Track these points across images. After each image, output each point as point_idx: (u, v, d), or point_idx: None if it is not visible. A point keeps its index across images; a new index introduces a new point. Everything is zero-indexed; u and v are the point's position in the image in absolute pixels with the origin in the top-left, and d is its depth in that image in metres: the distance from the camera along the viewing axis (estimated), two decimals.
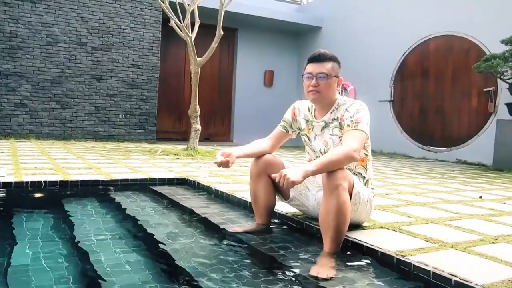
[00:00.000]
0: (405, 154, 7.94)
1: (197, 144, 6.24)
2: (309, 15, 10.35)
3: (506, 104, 6.00)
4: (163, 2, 6.31)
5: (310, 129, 2.31)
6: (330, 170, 1.87)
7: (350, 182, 1.95)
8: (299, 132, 2.40)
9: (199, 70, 6.30)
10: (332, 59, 2.17)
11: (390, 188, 3.77)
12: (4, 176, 3.23)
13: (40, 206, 2.81)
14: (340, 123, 2.15)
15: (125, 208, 2.75)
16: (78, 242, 2.00)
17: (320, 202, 2.11)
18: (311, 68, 2.16)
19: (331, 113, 2.20)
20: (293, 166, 2.31)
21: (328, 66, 2.14)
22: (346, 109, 2.13)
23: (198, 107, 6.28)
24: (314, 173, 1.86)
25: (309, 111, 2.32)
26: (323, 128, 2.23)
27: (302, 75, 2.21)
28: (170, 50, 9.41)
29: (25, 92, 7.59)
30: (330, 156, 1.90)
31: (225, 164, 2.11)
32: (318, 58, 2.15)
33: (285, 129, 2.40)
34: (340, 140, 2.13)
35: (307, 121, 2.32)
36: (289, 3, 11.33)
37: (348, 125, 2.09)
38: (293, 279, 1.66)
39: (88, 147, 6.53)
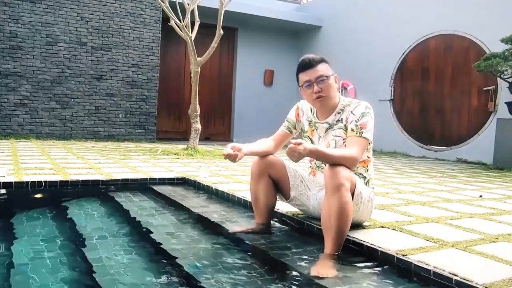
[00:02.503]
0: (405, 153, 7.94)
1: (197, 144, 6.24)
2: (309, 14, 10.34)
3: (506, 103, 6.00)
4: (163, 2, 6.30)
5: (313, 130, 2.29)
6: (322, 161, 2.00)
7: (352, 182, 1.95)
8: (301, 133, 2.40)
9: (199, 69, 6.30)
10: (322, 60, 2.15)
11: (390, 187, 3.77)
12: (4, 176, 3.23)
13: (40, 206, 2.81)
14: (345, 125, 2.14)
15: (125, 208, 2.75)
16: (78, 242, 2.00)
17: (320, 202, 2.11)
18: (306, 76, 2.13)
19: (335, 114, 2.19)
20: (293, 165, 2.31)
21: (322, 68, 2.13)
22: (352, 112, 2.12)
23: (198, 106, 6.28)
24: (310, 152, 1.88)
25: (311, 111, 2.31)
26: (327, 130, 2.22)
27: (301, 86, 2.17)
28: (170, 50, 9.41)
29: (25, 92, 7.59)
30: (332, 152, 1.95)
31: (233, 158, 2.00)
32: (310, 65, 2.12)
33: (289, 130, 2.38)
34: (343, 142, 2.13)
35: (310, 122, 2.31)
36: (289, 2, 11.31)
37: (352, 130, 2.08)
38: (294, 278, 1.66)
39: (88, 147, 6.53)
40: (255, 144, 2.26)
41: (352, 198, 1.94)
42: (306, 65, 2.13)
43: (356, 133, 2.06)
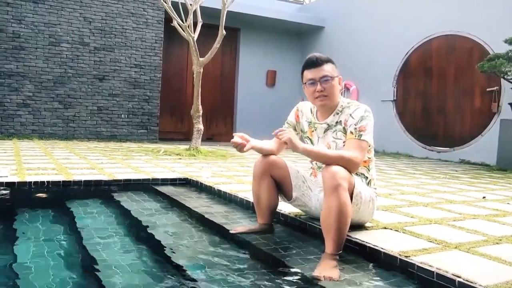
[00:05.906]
0: (408, 154, 7.92)
1: (200, 144, 6.24)
2: (312, 15, 10.34)
3: (509, 104, 5.98)
4: (165, 2, 6.31)
5: (313, 131, 2.30)
6: (320, 161, 2.06)
7: (350, 182, 1.94)
8: (301, 135, 2.40)
9: (202, 70, 6.30)
10: (328, 60, 2.16)
11: (393, 188, 3.76)
12: (7, 176, 3.24)
13: (43, 206, 2.81)
14: (344, 128, 2.14)
15: (128, 208, 2.75)
16: (81, 242, 2.00)
17: (322, 203, 2.11)
18: (311, 74, 2.14)
19: (334, 115, 2.19)
20: (295, 166, 2.31)
21: (327, 68, 2.13)
22: (351, 115, 2.12)
23: (200, 107, 6.28)
24: (307, 152, 2.01)
25: (311, 112, 2.31)
26: (325, 130, 2.22)
27: (304, 83, 2.18)
28: (172, 50, 9.42)
29: (28, 92, 7.61)
30: (330, 152, 1.99)
31: (240, 147, 2.09)
32: (316, 63, 2.13)
33: None
34: (343, 145, 2.12)
35: (309, 123, 2.32)
36: (292, 3, 11.31)
37: (351, 132, 2.08)
38: (296, 279, 1.65)
39: (90, 147, 6.54)
40: (261, 141, 2.27)
41: (352, 198, 1.94)
42: (312, 63, 2.14)
43: (355, 136, 2.06)
